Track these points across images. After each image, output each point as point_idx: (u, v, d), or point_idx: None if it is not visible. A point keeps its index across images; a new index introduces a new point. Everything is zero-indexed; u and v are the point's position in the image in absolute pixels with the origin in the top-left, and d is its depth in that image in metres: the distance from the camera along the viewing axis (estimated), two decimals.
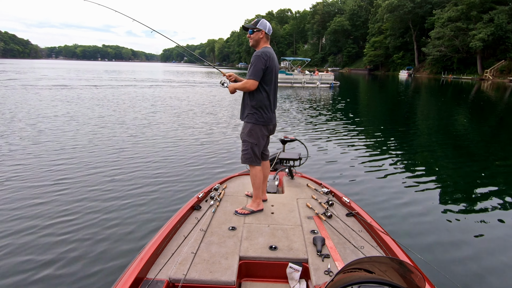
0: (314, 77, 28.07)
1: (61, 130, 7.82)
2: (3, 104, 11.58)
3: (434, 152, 7.10)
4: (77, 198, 4.01)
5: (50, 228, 3.28)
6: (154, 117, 9.98)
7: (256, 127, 2.63)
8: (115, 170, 5.05)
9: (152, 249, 1.89)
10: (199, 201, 2.70)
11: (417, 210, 3.97)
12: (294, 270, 1.88)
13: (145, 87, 21.19)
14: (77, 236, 3.16)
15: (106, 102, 13.13)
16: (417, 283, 1.08)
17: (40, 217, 3.50)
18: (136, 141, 6.92)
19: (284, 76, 27.55)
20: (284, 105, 13.96)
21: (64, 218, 3.49)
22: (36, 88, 17.95)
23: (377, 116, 12.72)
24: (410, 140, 8.21)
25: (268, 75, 2.58)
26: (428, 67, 53.20)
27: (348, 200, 2.70)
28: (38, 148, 6.23)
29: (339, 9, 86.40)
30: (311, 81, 27.76)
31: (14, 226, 3.30)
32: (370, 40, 67.12)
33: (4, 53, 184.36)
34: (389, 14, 56.93)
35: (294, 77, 27.84)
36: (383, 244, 2.07)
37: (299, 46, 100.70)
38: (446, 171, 5.71)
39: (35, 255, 2.84)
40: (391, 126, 10.38)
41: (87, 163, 5.37)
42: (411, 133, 9.18)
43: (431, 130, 9.84)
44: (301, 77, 28.00)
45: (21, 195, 4.03)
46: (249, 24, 2.63)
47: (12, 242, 3.02)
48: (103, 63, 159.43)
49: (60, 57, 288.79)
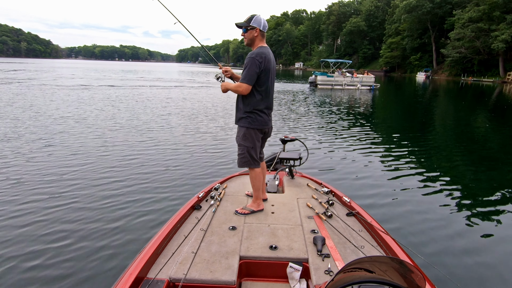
0: (354, 79, 27.51)
1: (66, 129, 7.93)
2: (24, 101, 11.93)
3: (437, 153, 7.00)
4: (77, 198, 4.01)
5: (50, 228, 3.28)
6: (155, 117, 9.99)
7: (250, 131, 2.54)
8: (115, 170, 5.05)
9: (152, 248, 1.89)
10: (200, 200, 2.70)
11: (417, 210, 3.95)
12: (294, 269, 1.88)
13: (154, 88, 21.35)
14: (77, 236, 3.16)
15: (110, 102, 13.17)
16: (418, 282, 1.08)
17: (40, 217, 3.49)
18: (136, 141, 6.94)
19: (326, 78, 27.22)
20: (304, 108, 13.78)
21: (64, 218, 3.49)
22: (58, 88, 18.43)
23: (389, 118, 12.41)
24: (413, 141, 8.09)
25: (263, 77, 2.45)
26: (447, 69, 51.78)
27: (349, 199, 2.69)
28: (37, 147, 6.33)
29: (355, 10, 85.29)
30: (351, 83, 27.31)
31: (14, 226, 3.31)
32: (386, 41, 65.95)
33: (27, 53, 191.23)
34: (406, 15, 55.74)
35: (335, 79, 27.30)
36: (384, 243, 2.06)
37: (313, 47, 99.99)
38: (447, 171, 5.68)
39: (35, 255, 2.84)
40: (401, 127, 10.13)
41: (86, 162, 5.39)
42: (415, 134, 8.99)
43: (443, 131, 9.54)
44: (342, 79, 27.49)
45: (21, 196, 4.03)
46: (241, 23, 2.48)
47: (11, 242, 3.02)
48: (120, 63, 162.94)
49: (79, 57, 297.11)
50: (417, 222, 3.65)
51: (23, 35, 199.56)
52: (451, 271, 2.76)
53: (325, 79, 27.21)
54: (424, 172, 5.51)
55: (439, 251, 3.06)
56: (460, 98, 21.52)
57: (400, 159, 6.31)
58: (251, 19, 2.46)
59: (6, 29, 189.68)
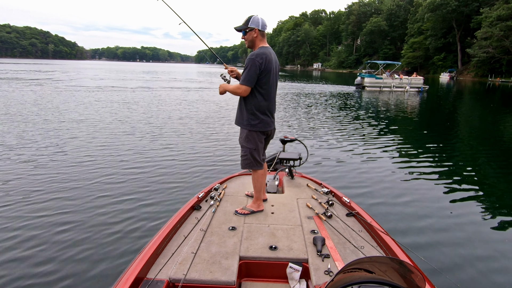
0: (403, 81, 26.47)
1: (65, 130, 8.06)
2: (51, 102, 12.35)
3: (441, 154, 6.88)
4: (77, 198, 4.01)
5: (50, 228, 3.28)
6: (155, 118, 10.02)
7: (253, 133, 2.51)
8: (115, 170, 5.06)
9: (152, 249, 1.89)
10: (199, 201, 2.71)
11: (417, 211, 3.95)
12: (294, 270, 1.88)
13: (161, 90, 21.59)
14: (77, 236, 3.15)
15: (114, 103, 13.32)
16: (417, 283, 1.08)
17: (40, 217, 3.50)
18: (136, 141, 6.97)
19: (374, 80, 26.49)
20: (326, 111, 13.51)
21: (63, 218, 3.48)
22: (75, 89, 19.02)
23: (402, 119, 11.94)
24: (416, 142, 8.00)
25: (264, 78, 2.41)
26: (473, 69, 49.68)
27: (348, 200, 2.69)
28: (41, 144, 6.45)
29: (376, 9, 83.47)
30: (400, 85, 26.34)
31: (14, 225, 3.32)
32: (408, 41, 64.07)
33: (54, 54, 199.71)
34: (430, 14, 53.94)
35: (383, 81, 26.50)
36: (383, 244, 2.06)
37: (332, 48, 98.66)
38: (449, 172, 5.63)
39: (35, 255, 2.83)
40: (414, 127, 9.75)
41: (85, 163, 5.40)
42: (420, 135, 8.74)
43: (455, 132, 9.08)
44: (391, 81, 26.61)
45: (20, 196, 4.02)
46: (240, 26, 2.47)
47: (10, 242, 3.03)
48: (141, 64, 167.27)
49: (102, 58, 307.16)
50: (417, 222, 3.65)
51: (50, 37, 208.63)
52: (451, 271, 2.75)
53: (373, 81, 26.36)
54: (425, 173, 5.47)
55: (439, 252, 3.06)
56: (487, 100, 20.54)
57: (401, 159, 6.29)
58: (248, 20, 2.43)
59: (35, 31, 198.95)
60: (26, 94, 14.86)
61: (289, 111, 12.46)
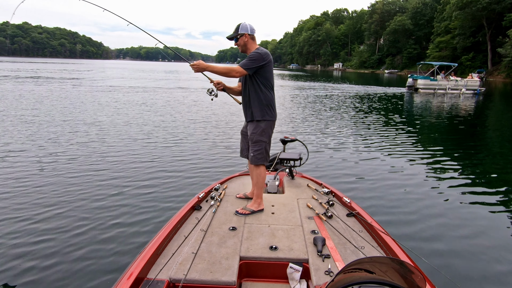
0: (459, 83, 25.35)
1: (63, 130, 8.20)
2: (82, 102, 12.79)
3: (441, 154, 6.83)
4: (77, 198, 4.03)
5: (49, 227, 3.29)
6: (155, 118, 10.04)
7: (268, 124, 2.70)
8: (115, 170, 5.07)
9: (152, 249, 1.90)
10: (200, 201, 2.72)
11: (418, 211, 3.94)
12: (294, 270, 1.88)
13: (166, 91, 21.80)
14: (77, 236, 3.15)
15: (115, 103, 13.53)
16: (418, 283, 1.09)
17: (39, 217, 3.50)
18: (137, 141, 6.99)
19: (428, 82, 25.58)
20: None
21: (63, 218, 3.49)
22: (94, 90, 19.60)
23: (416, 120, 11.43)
24: (416, 142, 7.80)
25: (270, 74, 2.69)
26: (505, 70, 47.14)
27: (349, 200, 2.69)
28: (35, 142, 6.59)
29: (401, 8, 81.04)
30: (455, 87, 25.19)
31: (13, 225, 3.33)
32: (434, 40, 61.71)
33: (81, 54, 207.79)
34: (459, 11, 51.68)
35: (438, 83, 25.56)
36: (384, 244, 2.06)
37: (354, 47, 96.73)
38: (450, 173, 5.59)
39: (35, 255, 2.83)
40: (428, 128, 9.33)
41: (85, 162, 5.44)
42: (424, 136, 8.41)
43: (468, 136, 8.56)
44: (446, 83, 25.55)
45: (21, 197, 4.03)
46: (231, 34, 2.69)
47: (11, 242, 3.03)
48: (163, 63, 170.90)
49: (126, 58, 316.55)
50: (418, 222, 3.63)
51: (78, 37, 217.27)
52: (452, 271, 2.75)
53: (428, 83, 25.38)
54: (425, 173, 5.44)
55: (440, 252, 3.05)
56: None
57: (401, 159, 6.23)
58: (238, 28, 2.66)
59: (64, 32, 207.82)
60: (68, 91, 15.45)
61: (347, 114, 12.22)
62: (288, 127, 9.28)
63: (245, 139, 2.89)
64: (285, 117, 10.86)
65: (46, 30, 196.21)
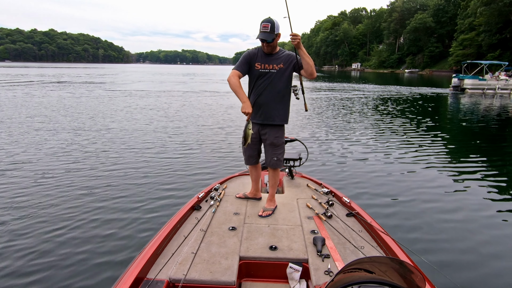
0: (510, 83, 23.88)
1: (61, 132, 8.32)
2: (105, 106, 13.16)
3: (443, 154, 6.65)
4: (76, 197, 4.06)
5: (49, 229, 3.31)
6: (156, 119, 10.07)
7: None
8: (115, 171, 5.10)
9: (152, 249, 1.90)
10: (199, 201, 2.72)
11: (418, 211, 3.93)
12: (294, 270, 1.88)
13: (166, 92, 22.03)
14: (77, 236, 3.17)
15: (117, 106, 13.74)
16: (417, 283, 1.09)
17: (39, 217, 3.53)
18: (137, 141, 7.03)
19: (477, 82, 24.36)
20: None
21: (63, 219, 3.51)
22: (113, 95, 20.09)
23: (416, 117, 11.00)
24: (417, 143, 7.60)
25: None
26: None
27: (348, 200, 2.69)
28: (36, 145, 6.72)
29: (422, 5, 78.71)
30: (505, 87, 23.83)
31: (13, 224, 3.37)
32: (458, 38, 59.43)
33: (104, 59, 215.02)
34: (484, 8, 49.65)
35: (487, 83, 24.06)
36: (383, 244, 2.06)
37: (373, 47, 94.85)
38: (450, 171, 5.55)
39: (35, 255, 2.85)
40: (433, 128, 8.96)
41: (84, 162, 5.49)
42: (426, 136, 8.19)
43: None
44: (495, 82, 24.06)
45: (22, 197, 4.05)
46: (270, 35, 2.33)
47: (11, 242, 3.07)
48: (181, 66, 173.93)
49: (146, 62, 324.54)
50: (417, 222, 3.62)
51: (100, 42, 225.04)
52: (451, 271, 2.74)
53: (476, 83, 24.09)
54: (426, 173, 5.39)
55: (440, 252, 3.04)
56: None
57: (401, 160, 6.15)
58: (273, 27, 2.34)
59: (87, 38, 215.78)
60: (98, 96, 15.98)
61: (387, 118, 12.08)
62: (288, 127, 9.17)
63: (255, 145, 2.67)
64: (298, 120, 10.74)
65: (70, 36, 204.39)
